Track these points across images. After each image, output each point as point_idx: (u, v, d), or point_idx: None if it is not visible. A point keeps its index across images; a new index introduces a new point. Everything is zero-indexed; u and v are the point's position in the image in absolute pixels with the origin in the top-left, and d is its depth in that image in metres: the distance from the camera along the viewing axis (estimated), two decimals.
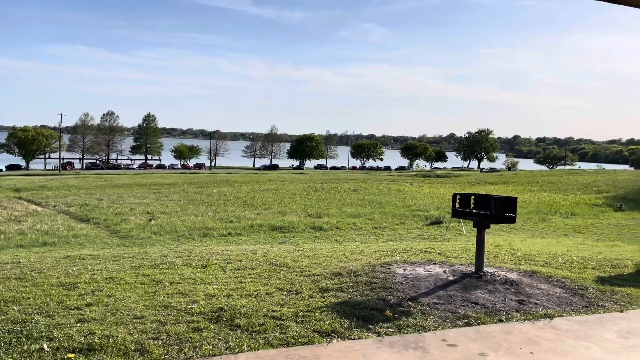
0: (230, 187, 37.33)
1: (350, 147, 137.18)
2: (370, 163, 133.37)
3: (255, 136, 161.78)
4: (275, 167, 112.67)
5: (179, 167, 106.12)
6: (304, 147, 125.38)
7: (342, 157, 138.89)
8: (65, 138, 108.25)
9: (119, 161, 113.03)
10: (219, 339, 4.39)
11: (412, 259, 8.10)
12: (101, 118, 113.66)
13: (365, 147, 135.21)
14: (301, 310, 5.21)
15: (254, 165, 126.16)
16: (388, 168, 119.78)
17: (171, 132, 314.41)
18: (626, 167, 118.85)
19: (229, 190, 32.62)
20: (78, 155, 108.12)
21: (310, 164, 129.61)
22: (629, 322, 5.29)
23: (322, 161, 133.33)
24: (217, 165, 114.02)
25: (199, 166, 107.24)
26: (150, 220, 18.66)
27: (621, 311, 5.70)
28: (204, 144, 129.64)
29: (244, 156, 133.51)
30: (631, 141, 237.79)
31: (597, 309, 5.73)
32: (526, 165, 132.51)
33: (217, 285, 6.29)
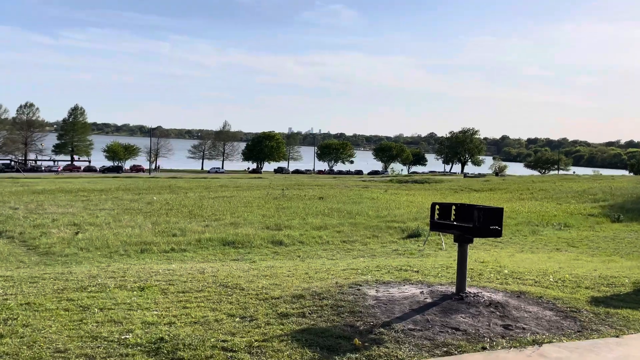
0: (174, 193, 36.88)
1: (316, 148, 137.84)
2: (339, 166, 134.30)
3: (204, 134, 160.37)
4: (258, 172, 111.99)
5: (112, 169, 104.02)
6: (262, 147, 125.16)
7: (306, 159, 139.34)
8: None
9: (39, 162, 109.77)
10: None
11: (385, 278, 8.16)
12: (17, 111, 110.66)
13: (333, 147, 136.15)
14: (256, 340, 5.19)
15: (202, 168, 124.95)
16: (359, 172, 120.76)
17: (103, 129, 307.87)
18: (625, 172, 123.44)
19: (172, 198, 32.24)
20: None
21: (269, 167, 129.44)
22: (626, 348, 5.40)
23: (283, 164, 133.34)
24: (158, 168, 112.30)
25: (136, 169, 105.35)
26: (76, 233, 18.43)
27: (617, 336, 5.85)
28: (142, 142, 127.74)
29: (191, 157, 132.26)
30: (630, 143, 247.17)
31: (591, 334, 5.88)
32: (516, 169, 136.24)
33: (156, 311, 6.22)
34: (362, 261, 12.46)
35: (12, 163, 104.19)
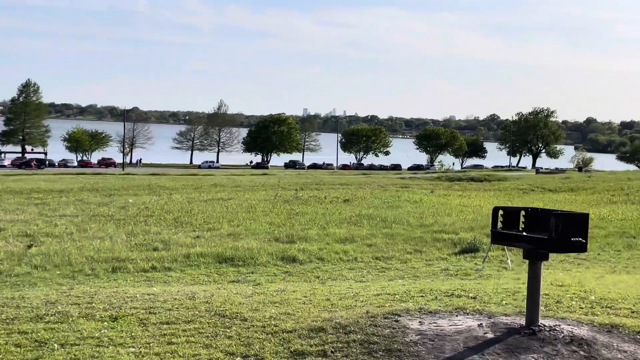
0: (155, 195, 37.18)
1: (339, 135, 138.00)
2: (370, 159, 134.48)
3: (193, 117, 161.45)
4: (263, 166, 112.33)
5: (75, 164, 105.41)
6: (269, 134, 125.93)
7: (327, 149, 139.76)
8: None
9: None
10: None
11: (432, 307, 8.17)
12: None
13: (362, 134, 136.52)
14: None
15: (191, 162, 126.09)
16: (397, 167, 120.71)
17: (63, 111, 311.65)
18: None
19: (152, 201, 32.45)
20: None
21: (278, 160, 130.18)
22: None
23: (296, 156, 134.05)
24: (139, 162, 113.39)
25: (106, 163, 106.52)
26: (29, 246, 18.64)
27: None
28: (114, 128, 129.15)
29: (176, 147, 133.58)
30: None
31: None
32: (605, 163, 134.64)
33: (133, 347, 6.28)
34: (401, 284, 12.45)
35: None
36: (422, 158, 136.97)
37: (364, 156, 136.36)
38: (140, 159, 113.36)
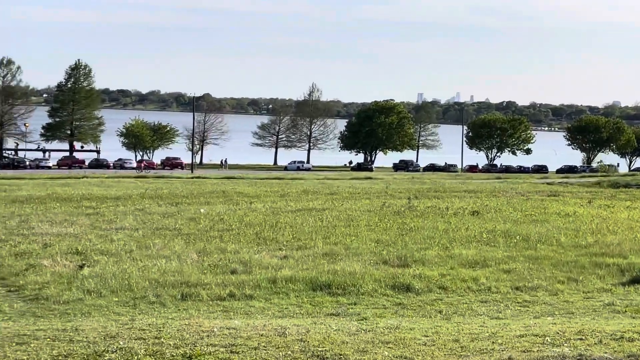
0: (232, 204, 37.44)
1: (465, 128, 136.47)
2: (505, 159, 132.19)
3: (278, 106, 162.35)
4: (366, 168, 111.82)
5: (133, 164, 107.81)
6: (374, 126, 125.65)
7: (449, 146, 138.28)
8: None
9: (20, 154, 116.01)
10: None
11: (595, 354, 8.02)
12: None
13: (495, 126, 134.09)
14: None
15: (275, 163, 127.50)
16: (542, 169, 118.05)
17: (119, 99, 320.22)
18: None
19: (228, 211, 32.81)
20: None
21: (385, 159, 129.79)
22: None
23: (409, 155, 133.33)
24: (224, 164, 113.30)
25: (171, 164, 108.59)
26: (81, 267, 18.86)
27: None
28: (180, 120, 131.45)
29: (257, 144, 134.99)
30: None
31: None
32: None
33: None
34: (551, 322, 12.20)
35: None
36: (576, 157, 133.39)
37: (498, 155, 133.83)
38: (226, 159, 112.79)
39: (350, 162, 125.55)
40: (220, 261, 20.04)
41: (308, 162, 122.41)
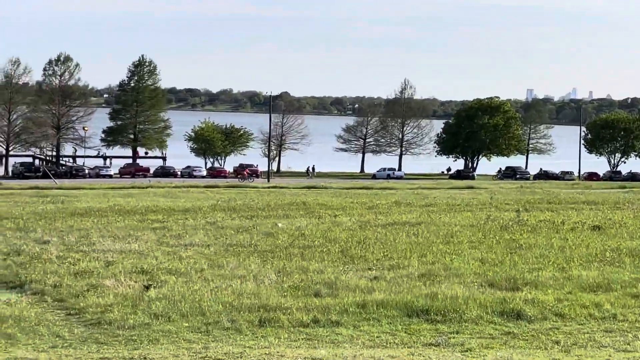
0: (314, 217, 37.85)
1: (584, 128, 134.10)
2: (632, 164, 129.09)
3: (365, 105, 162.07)
4: (467, 176, 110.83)
5: (203, 172, 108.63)
6: (476, 127, 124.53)
7: (563, 149, 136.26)
8: None
9: (78, 161, 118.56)
10: None
11: None
12: (44, 70, 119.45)
13: (617, 127, 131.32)
14: None
15: (362, 170, 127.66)
16: None
17: (187, 99, 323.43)
18: None
19: (310, 225, 33.20)
20: None
21: (488, 166, 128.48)
22: None
23: (516, 160, 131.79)
24: (311, 171, 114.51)
25: (244, 172, 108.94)
26: (147, 287, 19.34)
27: None
28: (255, 122, 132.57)
29: (341, 149, 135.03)
30: None
31: None
32: None
33: None
34: None
35: (38, 163, 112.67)
36: None
37: (622, 160, 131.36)
38: (313, 167, 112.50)
39: (449, 169, 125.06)
40: (302, 282, 20.29)
41: (400, 169, 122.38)
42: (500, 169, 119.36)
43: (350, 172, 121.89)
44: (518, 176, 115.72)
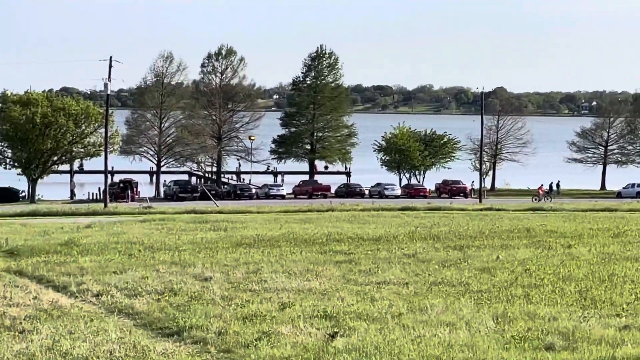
0: (541, 247, 36.30)
1: None
2: None
3: (606, 102, 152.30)
4: None
5: (397, 191, 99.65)
6: None
7: None
8: (119, 117, 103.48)
9: (244, 178, 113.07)
10: None
11: None
12: (202, 67, 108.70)
13: None
14: None
15: (603, 186, 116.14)
16: None
17: (375, 99, 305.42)
18: None
19: (536, 257, 31.96)
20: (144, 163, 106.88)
21: None
22: None
23: None
24: (499, 188, 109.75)
25: (451, 190, 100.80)
26: (332, 336, 18.86)
27: None
28: (461, 126, 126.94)
29: (575, 160, 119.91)
30: None
31: None
32: None
33: None
34: None
35: (195, 181, 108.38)
36: None
37: None
38: (558, 183, 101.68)
39: None
40: (528, 331, 19.19)
41: None
42: None
43: (586, 190, 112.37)
44: None
